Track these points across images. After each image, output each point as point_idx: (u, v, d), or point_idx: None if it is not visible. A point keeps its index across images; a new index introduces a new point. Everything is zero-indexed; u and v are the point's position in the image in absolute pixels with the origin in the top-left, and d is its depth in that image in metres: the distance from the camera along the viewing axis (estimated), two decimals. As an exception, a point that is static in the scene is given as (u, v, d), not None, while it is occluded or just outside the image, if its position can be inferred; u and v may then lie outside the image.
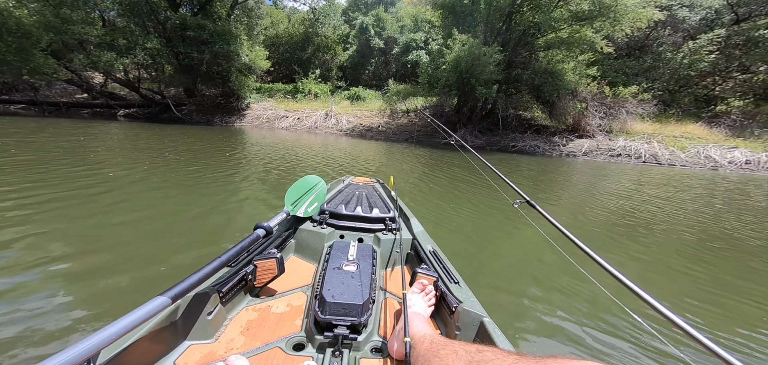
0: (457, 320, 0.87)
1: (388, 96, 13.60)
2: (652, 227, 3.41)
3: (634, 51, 15.83)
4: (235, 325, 0.88)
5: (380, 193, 1.85)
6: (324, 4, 18.66)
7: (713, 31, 13.72)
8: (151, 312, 0.60)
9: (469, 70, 10.38)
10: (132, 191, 3.29)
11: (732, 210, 4.43)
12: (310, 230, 1.32)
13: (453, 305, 0.90)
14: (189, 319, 0.79)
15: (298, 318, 0.94)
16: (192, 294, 0.80)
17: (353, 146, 9.40)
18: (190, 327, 0.78)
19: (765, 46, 12.94)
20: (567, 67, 11.06)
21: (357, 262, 1.05)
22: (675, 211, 4.20)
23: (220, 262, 0.83)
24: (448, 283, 1.01)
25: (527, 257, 2.48)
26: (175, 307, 0.78)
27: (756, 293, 2.09)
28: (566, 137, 11.39)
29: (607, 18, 10.30)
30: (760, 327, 1.71)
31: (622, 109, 11.53)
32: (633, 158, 9.99)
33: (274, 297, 1.03)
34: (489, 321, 0.83)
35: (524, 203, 1.17)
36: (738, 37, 14.09)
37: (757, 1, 14.44)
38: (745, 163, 9.32)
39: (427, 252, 1.22)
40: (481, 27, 12.04)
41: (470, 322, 0.86)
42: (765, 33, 13.52)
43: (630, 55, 15.70)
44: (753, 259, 2.68)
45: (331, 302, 0.85)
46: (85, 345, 0.49)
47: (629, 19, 10.35)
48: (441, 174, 5.73)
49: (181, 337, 0.78)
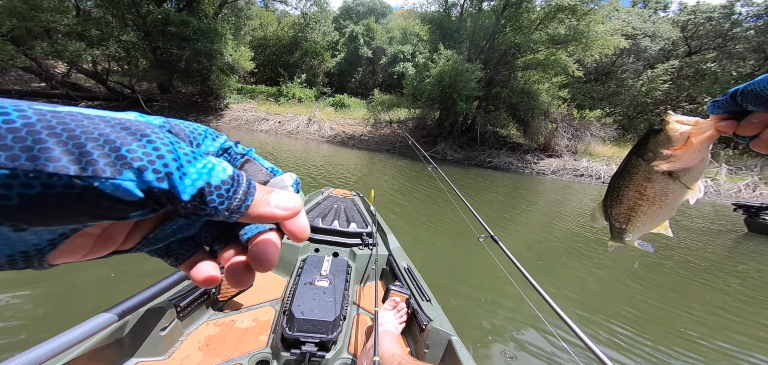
0: (427, 338, 0.89)
1: (372, 105, 13.81)
2: (606, 243, 3.89)
3: (601, 76, 17.20)
4: (193, 341, 0.85)
5: (359, 207, 1.83)
6: (316, 10, 18.55)
7: (669, 62, 15.28)
8: (93, 329, 0.56)
9: (452, 84, 10.85)
10: None
11: (680, 230, 5.04)
12: (284, 242, 1.31)
13: (423, 323, 0.91)
14: (138, 336, 0.75)
15: (264, 333, 0.91)
16: (144, 309, 0.76)
17: (335, 154, 9.50)
18: (139, 343, 0.74)
19: (710, 78, 14.62)
20: (542, 88, 11.88)
21: (330, 277, 1.04)
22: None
23: (179, 276, 0.79)
24: (420, 301, 1.03)
25: (493, 281, 2.68)
26: (123, 323, 0.74)
27: (688, 305, 2.48)
28: (538, 156, 12.19)
29: (579, 43, 11.21)
30: (689, 331, 2.09)
31: (587, 131, 12.53)
32: (594, 179, 10.92)
33: (239, 312, 0.99)
34: (457, 340, 0.85)
35: (488, 239, 1.17)
36: (688, 69, 15.78)
37: (708, 36, 16.28)
38: (687, 187, 10.51)
39: (401, 269, 1.23)
40: (466, 44, 12.61)
41: (439, 340, 0.87)
42: (711, 66, 15.29)
43: (597, 80, 17.04)
44: (691, 275, 3.11)
45: (300, 318, 0.83)
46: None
47: (599, 45, 11.33)
48: (421, 188, 6.01)
49: (127, 355, 0.73)
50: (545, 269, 3.01)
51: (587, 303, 2.43)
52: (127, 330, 0.75)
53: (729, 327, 2.22)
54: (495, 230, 1.21)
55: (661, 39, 16.59)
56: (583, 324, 1.94)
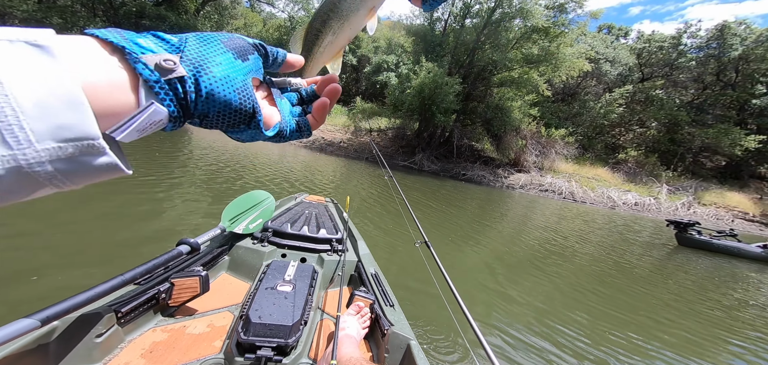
0: (387, 343, 0.90)
1: (353, 113, 13.98)
2: (564, 255, 4.39)
3: (567, 97, 18.65)
4: (135, 348, 0.81)
5: (331, 213, 1.82)
6: (303, 14, 18.41)
7: (625, 87, 16.93)
8: (9, 336, 0.51)
9: (431, 97, 11.30)
10: None
11: (623, 243, 5.72)
12: (249, 247, 1.26)
13: (385, 327, 0.92)
14: (68, 343, 0.69)
15: (218, 339, 0.89)
16: (76, 315, 0.71)
17: (313, 160, 9.54)
18: (69, 351, 0.69)
19: (657, 104, 16.41)
20: (515, 105, 12.72)
21: (294, 282, 1.03)
22: (581, 241, 5.34)
23: (122, 280, 0.73)
24: (384, 306, 1.04)
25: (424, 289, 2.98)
26: (49, 330, 0.69)
27: (633, 307, 2.71)
28: (508, 171, 13.00)
29: (550, 63, 12.16)
30: (629, 332, 2.41)
31: (552, 149, 13.57)
32: (556, 195, 11.86)
33: (192, 317, 0.96)
34: (415, 344, 0.88)
35: (423, 244, 1.23)
36: (641, 94, 17.59)
37: (658, 64, 18.22)
38: (634, 204, 11.75)
39: (369, 275, 1.23)
40: (448, 58, 13.17)
41: (399, 344, 0.90)
42: (659, 93, 17.15)
43: (563, 101, 18.44)
44: (632, 282, 3.59)
45: (256, 322, 0.81)
46: None
47: (566, 66, 12.37)
48: (396, 197, 6.23)
49: (53, 363, 0.68)
50: (511, 277, 3.29)
51: (548, 307, 2.65)
52: (54, 336, 0.69)
53: (657, 329, 2.60)
54: (469, 240, 1.36)
55: (619, 64, 18.31)
56: (533, 326, 2.22)
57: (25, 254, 1.92)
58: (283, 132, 0.28)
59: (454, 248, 3.87)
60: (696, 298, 3.59)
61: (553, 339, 2.22)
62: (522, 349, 2.02)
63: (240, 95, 0.23)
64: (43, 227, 2.25)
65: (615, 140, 16.89)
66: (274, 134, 0.28)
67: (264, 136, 0.27)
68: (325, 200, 2.22)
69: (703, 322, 2.96)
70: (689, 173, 14.22)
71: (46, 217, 2.41)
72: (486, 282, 3.01)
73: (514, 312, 2.49)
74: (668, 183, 13.09)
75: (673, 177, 13.61)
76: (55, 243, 2.10)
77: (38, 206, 2.48)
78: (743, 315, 3.30)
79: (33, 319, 0.55)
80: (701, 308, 3.30)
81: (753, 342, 2.71)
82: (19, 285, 1.64)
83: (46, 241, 2.10)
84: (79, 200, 2.78)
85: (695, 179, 13.56)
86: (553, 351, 2.09)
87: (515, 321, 2.34)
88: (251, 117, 0.25)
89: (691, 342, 2.55)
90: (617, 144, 16.63)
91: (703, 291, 3.90)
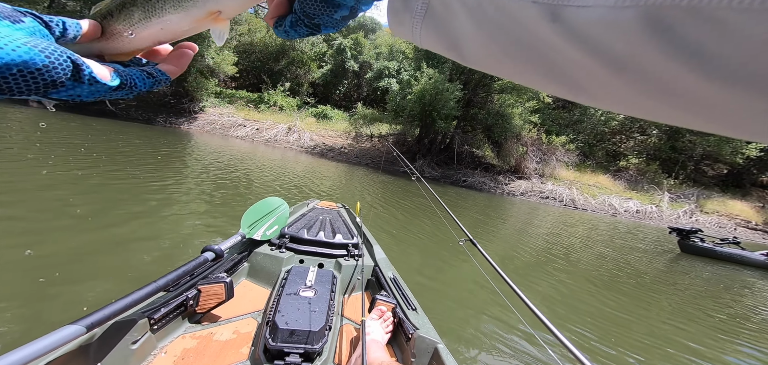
0: (413, 347, 0.89)
1: (354, 118, 14.03)
2: (569, 259, 4.36)
3: (568, 104, 18.72)
4: (168, 355, 0.82)
5: (345, 218, 1.83)
6: None
7: (624, 95, 16.94)
8: (58, 342, 0.54)
9: (432, 103, 11.34)
10: (24, 191, 2.92)
11: (626, 250, 5.65)
12: (267, 253, 1.26)
13: (409, 332, 0.92)
14: (107, 349, 0.71)
15: (245, 345, 0.89)
16: (112, 322, 0.73)
17: (315, 165, 9.51)
18: (107, 358, 0.71)
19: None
20: (515, 112, 12.75)
21: (315, 288, 1.03)
22: (585, 248, 5.28)
23: (155, 287, 0.76)
24: (406, 310, 1.03)
25: (472, 287, 2.93)
26: (90, 336, 0.71)
27: (639, 313, 2.78)
28: (509, 177, 12.97)
29: None
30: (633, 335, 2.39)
31: (553, 156, 13.55)
32: (557, 202, 11.80)
33: (218, 324, 0.96)
34: (443, 347, 0.86)
35: (468, 242, 1.22)
36: (640, 104, 17.60)
37: None
38: (636, 212, 11.68)
39: (387, 279, 1.23)
40: (448, 64, 13.25)
41: (425, 348, 0.88)
42: None
43: (564, 108, 18.50)
44: (636, 287, 3.53)
45: (283, 328, 0.81)
46: None
47: None
48: (401, 202, 6.21)
49: None
50: (517, 281, 3.27)
51: (554, 312, 2.70)
52: (94, 343, 0.71)
53: (665, 334, 2.56)
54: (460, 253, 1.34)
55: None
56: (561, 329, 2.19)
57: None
58: (127, 83, 0.27)
59: (455, 251, 3.84)
60: (704, 304, 3.52)
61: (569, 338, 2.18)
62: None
63: (42, 52, 0.22)
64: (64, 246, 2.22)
65: (616, 147, 16.88)
66: (117, 84, 0.26)
67: (105, 87, 0.25)
68: (337, 205, 2.23)
69: (709, 327, 2.89)
70: (691, 181, 14.16)
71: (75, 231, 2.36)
72: (484, 291, 2.99)
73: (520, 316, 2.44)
74: (670, 191, 13.02)
75: (674, 185, 13.55)
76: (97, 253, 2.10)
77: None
78: (753, 321, 3.23)
79: (79, 325, 0.58)
80: (707, 313, 3.24)
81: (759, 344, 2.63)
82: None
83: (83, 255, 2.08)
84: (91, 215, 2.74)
85: (697, 187, 13.50)
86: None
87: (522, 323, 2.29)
88: (75, 71, 0.23)
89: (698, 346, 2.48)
90: (618, 152, 16.61)
91: (713, 298, 3.83)
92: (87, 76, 0.24)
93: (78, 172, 3.82)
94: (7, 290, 1.63)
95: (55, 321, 1.46)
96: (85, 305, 1.63)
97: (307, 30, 0.27)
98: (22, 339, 0.61)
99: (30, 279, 1.74)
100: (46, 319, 1.52)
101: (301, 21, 0.27)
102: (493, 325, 2.27)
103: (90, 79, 0.24)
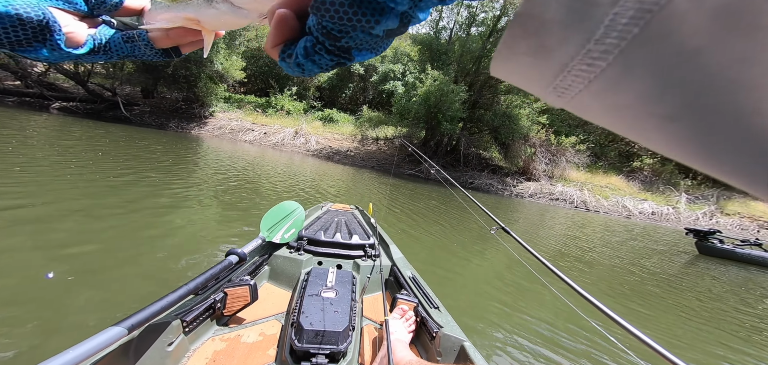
0: (438, 345, 0.88)
1: (360, 121, 14.07)
2: (587, 261, 4.27)
3: (576, 104, 18.32)
4: (200, 357, 0.83)
5: (359, 220, 1.85)
6: None
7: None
8: (102, 344, 0.56)
9: (437, 104, 11.28)
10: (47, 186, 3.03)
11: (641, 252, 5.44)
12: (287, 256, 1.28)
13: (433, 330, 0.91)
14: (145, 350, 0.72)
15: (271, 347, 0.90)
16: (149, 324, 0.74)
17: (322, 168, 9.56)
18: (146, 360, 0.72)
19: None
20: (522, 112, 12.55)
21: (336, 288, 1.03)
22: (599, 248, 5.16)
23: (186, 290, 0.78)
24: (428, 308, 1.03)
25: (494, 280, 2.94)
26: (130, 338, 0.73)
27: (656, 313, 2.73)
28: (517, 179, 12.74)
29: None
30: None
31: (563, 157, 13.26)
32: (567, 203, 11.50)
33: (244, 326, 0.97)
34: (469, 345, 0.85)
35: (500, 230, 1.21)
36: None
37: None
38: (651, 214, 11.26)
39: (406, 278, 1.23)
40: (454, 66, 13.19)
41: (451, 347, 0.87)
42: None
43: (573, 108, 18.12)
44: (656, 289, 3.43)
45: (308, 329, 0.82)
46: None
47: None
48: (412, 203, 6.16)
49: None
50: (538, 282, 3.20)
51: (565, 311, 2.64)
52: (133, 345, 0.73)
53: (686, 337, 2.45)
54: (486, 243, 1.33)
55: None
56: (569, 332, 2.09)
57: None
58: (100, 47, 0.27)
59: (472, 246, 3.80)
60: (723, 306, 3.33)
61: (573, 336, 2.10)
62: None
63: (20, 6, 0.23)
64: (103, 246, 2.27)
65: (629, 147, 16.41)
66: (87, 51, 0.27)
67: (71, 54, 0.26)
68: (351, 207, 2.24)
69: (730, 330, 2.71)
70: (710, 182, 13.60)
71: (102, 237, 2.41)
72: (508, 280, 3.03)
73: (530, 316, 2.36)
74: (687, 192, 12.53)
75: (692, 186, 13.04)
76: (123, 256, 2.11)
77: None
78: None
79: (121, 327, 0.60)
80: (728, 316, 3.05)
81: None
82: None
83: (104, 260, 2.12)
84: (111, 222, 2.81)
85: (717, 188, 12.95)
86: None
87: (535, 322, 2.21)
88: (43, 30, 0.24)
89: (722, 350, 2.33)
90: (632, 152, 16.13)
91: (734, 299, 3.61)
92: (51, 41, 0.24)
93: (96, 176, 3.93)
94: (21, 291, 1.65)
95: (85, 324, 1.49)
96: (99, 309, 1.63)
97: (331, 59, 0.19)
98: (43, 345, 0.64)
99: (59, 281, 1.75)
100: (73, 320, 1.51)
101: (321, 46, 0.18)
102: (530, 316, 2.29)
103: (52, 43, 0.25)
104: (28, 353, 1.28)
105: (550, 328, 2.19)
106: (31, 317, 1.46)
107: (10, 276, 1.71)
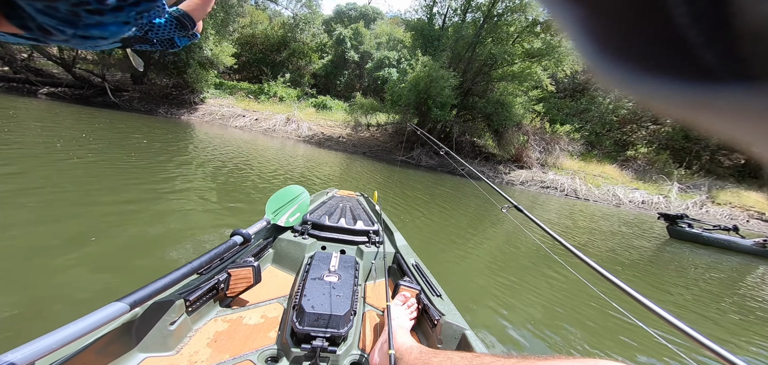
0: (439, 333, 0.87)
1: (353, 107, 13.92)
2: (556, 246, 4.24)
3: (576, 93, 18.05)
4: (202, 337, 0.82)
5: (364, 206, 1.86)
6: (307, 12, 18.59)
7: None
8: (104, 319, 0.55)
9: (426, 90, 11.10)
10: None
11: (615, 236, 5.46)
12: (291, 239, 1.28)
13: (435, 318, 0.90)
14: (147, 329, 0.71)
15: (272, 329, 0.90)
16: (152, 302, 0.73)
17: (313, 154, 9.50)
18: (148, 338, 0.72)
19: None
20: (517, 100, 12.35)
21: (339, 273, 1.03)
22: (590, 239, 5.14)
23: (190, 268, 0.78)
24: (431, 296, 1.03)
25: (493, 264, 2.94)
26: (133, 315, 0.72)
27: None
28: (509, 167, 12.67)
29: (552, 57, 11.75)
30: None
31: (556, 145, 13.15)
32: (558, 191, 11.47)
33: (247, 308, 0.97)
34: (471, 333, 0.84)
35: (511, 208, 1.22)
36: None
37: None
38: (641, 203, 11.24)
39: (409, 265, 1.22)
40: (447, 53, 12.93)
41: (452, 335, 0.86)
42: None
43: (571, 97, 17.86)
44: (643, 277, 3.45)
45: (310, 312, 0.82)
46: (17, 355, 0.44)
47: (570, 61, 11.93)
48: (407, 192, 6.15)
49: (135, 349, 0.70)
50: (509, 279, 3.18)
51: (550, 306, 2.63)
52: (136, 322, 0.72)
53: None
54: (475, 237, 1.34)
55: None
56: (545, 328, 2.05)
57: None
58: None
59: (462, 241, 3.80)
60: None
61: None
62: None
63: None
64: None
65: (626, 136, 16.23)
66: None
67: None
68: (356, 194, 2.26)
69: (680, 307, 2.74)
70: (704, 172, 13.51)
71: None
72: (511, 262, 3.12)
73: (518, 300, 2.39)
74: (680, 181, 12.46)
75: (685, 175, 12.96)
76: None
77: None
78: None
79: (123, 303, 0.59)
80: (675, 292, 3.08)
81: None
82: None
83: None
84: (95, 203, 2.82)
85: (709, 178, 12.87)
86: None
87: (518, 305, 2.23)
88: None
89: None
90: (628, 141, 15.97)
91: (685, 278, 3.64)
92: None
93: (77, 159, 3.91)
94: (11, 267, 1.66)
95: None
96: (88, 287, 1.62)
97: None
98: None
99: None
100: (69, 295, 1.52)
101: None
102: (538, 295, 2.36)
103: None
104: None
105: (556, 309, 2.21)
106: (18, 297, 1.46)
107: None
